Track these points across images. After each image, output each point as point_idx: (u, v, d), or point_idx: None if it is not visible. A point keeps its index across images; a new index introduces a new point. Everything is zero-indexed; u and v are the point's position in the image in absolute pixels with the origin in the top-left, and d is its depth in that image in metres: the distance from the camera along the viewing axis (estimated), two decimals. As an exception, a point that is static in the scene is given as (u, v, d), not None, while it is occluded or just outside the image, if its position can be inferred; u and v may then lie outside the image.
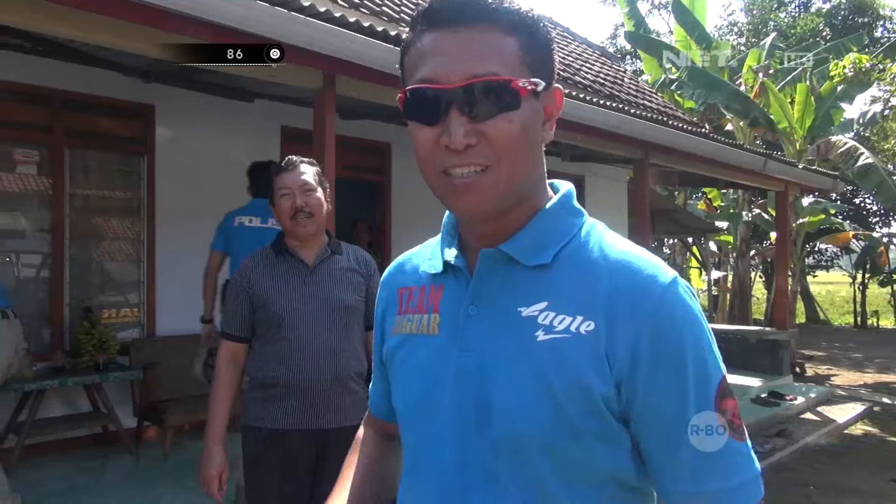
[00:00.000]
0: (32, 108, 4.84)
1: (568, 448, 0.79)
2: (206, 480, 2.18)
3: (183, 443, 4.88)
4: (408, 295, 0.95)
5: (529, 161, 0.83)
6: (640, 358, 0.76)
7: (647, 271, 0.80)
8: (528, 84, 0.80)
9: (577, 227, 0.86)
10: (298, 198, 2.21)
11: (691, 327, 0.78)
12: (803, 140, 11.46)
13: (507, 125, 0.79)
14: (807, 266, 20.36)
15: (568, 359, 0.78)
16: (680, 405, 0.77)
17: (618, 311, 0.77)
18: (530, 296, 0.82)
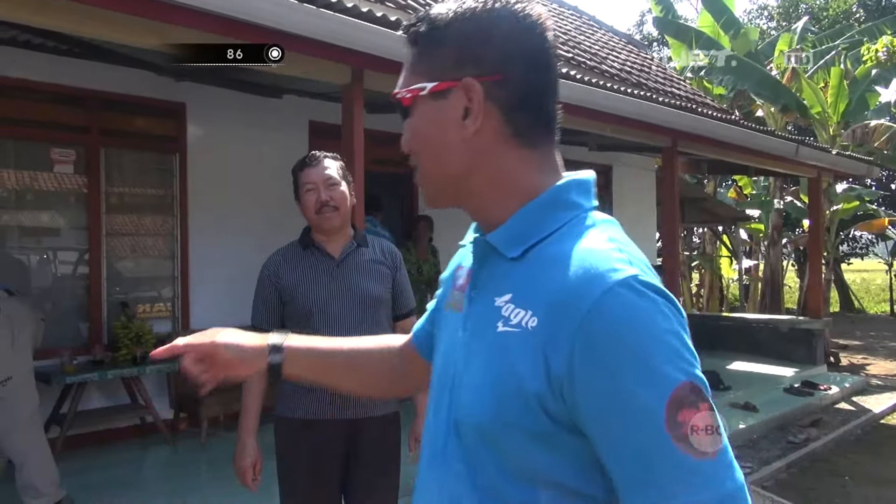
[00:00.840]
0: (69, 108, 4.96)
1: (502, 441, 0.79)
2: (241, 471, 2.23)
3: (219, 434, 4.98)
4: (461, 273, 1.00)
5: (441, 160, 0.88)
6: (574, 367, 0.73)
7: (594, 269, 0.75)
8: (406, 92, 0.88)
9: (563, 221, 0.85)
10: (323, 192, 2.24)
11: (632, 331, 0.72)
12: (837, 125, 11.22)
13: (407, 131, 0.90)
14: (841, 254, 19.96)
15: (511, 352, 0.78)
16: (618, 420, 0.71)
17: (555, 313, 0.75)
18: (503, 286, 0.84)
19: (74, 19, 2.86)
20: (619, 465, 0.73)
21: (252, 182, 5.63)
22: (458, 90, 0.85)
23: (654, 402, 0.70)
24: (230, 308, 5.05)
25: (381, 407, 2.30)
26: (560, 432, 0.76)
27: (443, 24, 0.86)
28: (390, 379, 1.22)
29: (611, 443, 0.73)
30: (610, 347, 0.71)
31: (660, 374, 0.71)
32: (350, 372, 1.20)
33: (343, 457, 2.27)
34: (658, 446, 0.70)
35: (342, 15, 3.18)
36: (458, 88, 0.85)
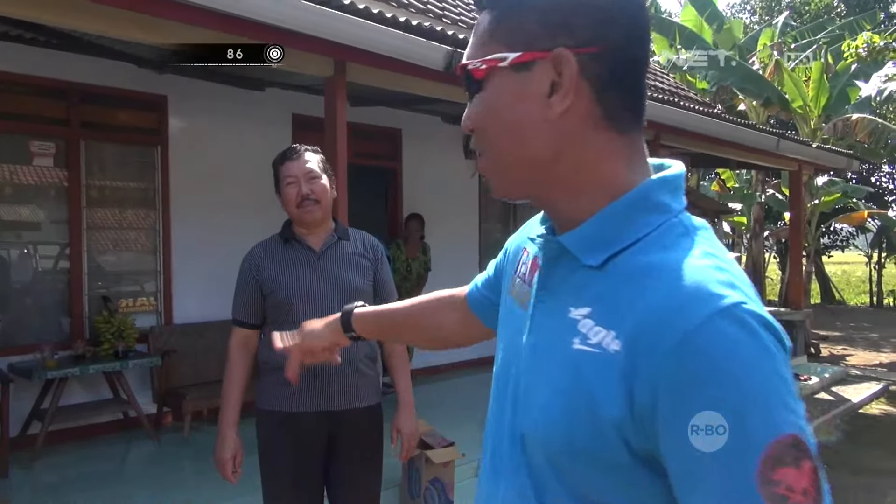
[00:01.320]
0: (49, 101, 4.90)
1: (572, 464, 0.72)
2: (221, 463, 2.24)
3: (202, 428, 4.97)
4: (524, 258, 0.91)
5: (512, 143, 0.77)
6: (658, 403, 0.64)
7: (695, 290, 0.65)
8: (481, 63, 0.76)
9: (651, 227, 0.73)
10: (304, 185, 2.24)
11: (731, 372, 0.61)
12: (818, 119, 11.35)
13: (474, 108, 0.78)
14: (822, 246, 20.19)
15: (586, 375, 0.69)
16: (705, 474, 0.62)
17: (641, 339, 0.65)
18: (580, 297, 0.74)
19: (57, 11, 2.83)
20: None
21: (235, 175, 5.60)
22: (546, 62, 0.73)
23: (745, 455, 0.60)
24: (213, 302, 5.04)
25: (362, 399, 2.30)
26: (637, 466, 0.67)
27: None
28: (447, 332, 1.23)
29: (691, 494, 0.63)
30: (700, 389, 0.61)
31: (758, 423, 0.60)
32: (409, 327, 1.29)
33: (325, 449, 2.27)
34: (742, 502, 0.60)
35: (325, 7, 3.17)
36: (547, 60, 0.73)
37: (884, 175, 20.06)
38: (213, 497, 3.67)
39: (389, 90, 4.46)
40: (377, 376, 2.40)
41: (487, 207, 7.98)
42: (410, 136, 7.00)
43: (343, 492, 2.31)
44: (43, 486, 4.02)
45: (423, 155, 7.11)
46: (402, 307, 1.29)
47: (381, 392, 2.42)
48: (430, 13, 6.48)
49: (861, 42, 7.79)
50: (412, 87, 4.23)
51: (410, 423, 2.43)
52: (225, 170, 5.59)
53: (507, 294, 0.94)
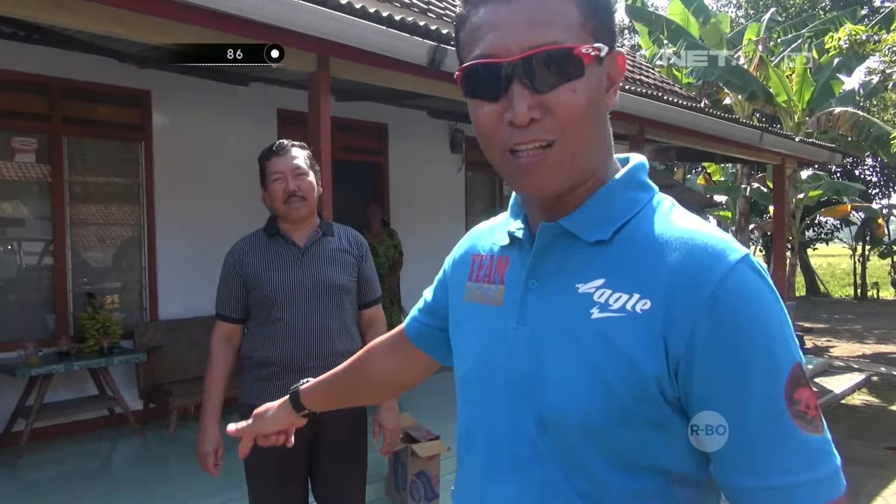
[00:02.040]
0: (30, 96, 4.87)
1: (614, 431, 0.75)
2: (203, 457, 2.25)
3: (188, 424, 4.97)
4: (479, 262, 0.94)
5: (595, 132, 0.80)
6: (697, 344, 0.71)
7: (712, 248, 0.73)
8: (592, 50, 0.75)
9: (643, 202, 0.82)
10: (291, 182, 2.24)
11: (759, 311, 0.71)
12: (802, 112, 11.45)
13: (572, 95, 0.75)
14: (807, 239, 20.37)
15: (621, 338, 0.74)
16: (742, 398, 0.70)
17: (677, 291, 0.72)
18: (588, 272, 0.79)
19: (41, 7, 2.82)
20: (739, 445, 0.71)
21: (219, 170, 5.59)
22: (614, 59, 0.81)
23: (776, 381, 0.70)
24: (198, 297, 5.04)
25: (346, 394, 2.33)
26: (674, 416, 0.74)
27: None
28: (394, 379, 1.22)
29: (730, 421, 0.71)
30: (737, 326, 0.70)
31: (782, 352, 0.71)
32: (357, 387, 1.27)
33: (309, 444, 2.29)
34: (780, 423, 0.70)
35: (306, 3, 3.16)
36: (615, 57, 0.81)
37: (867, 168, 20.23)
38: (199, 493, 3.69)
39: (374, 85, 4.45)
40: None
41: (473, 202, 8.00)
42: (396, 131, 7.01)
43: (328, 485, 2.33)
44: (28, 483, 4.01)
45: (410, 150, 7.11)
46: (343, 369, 1.24)
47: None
48: (414, 7, 6.48)
49: (843, 34, 7.86)
50: (396, 83, 4.24)
51: (392, 418, 2.45)
52: (210, 165, 5.58)
53: (459, 303, 0.96)
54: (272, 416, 1.29)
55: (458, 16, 0.82)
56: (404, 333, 1.14)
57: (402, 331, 1.15)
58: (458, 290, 0.98)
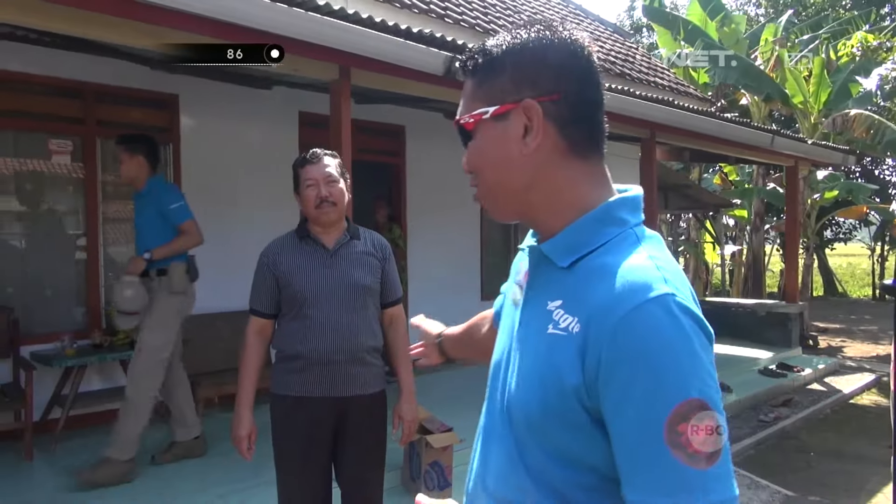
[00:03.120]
0: (65, 100, 5.10)
1: (546, 428, 0.88)
2: (237, 440, 2.43)
3: (213, 414, 5.18)
4: (522, 270, 1.09)
5: (504, 175, 0.96)
6: (602, 366, 0.81)
7: (630, 284, 0.83)
8: (469, 117, 0.97)
9: (610, 236, 0.92)
10: (323, 188, 2.40)
11: (653, 345, 0.79)
12: (818, 114, 11.45)
13: (468, 153, 0.99)
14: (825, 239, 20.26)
15: (557, 353, 0.87)
16: (621, 416, 0.80)
17: (594, 317, 0.83)
18: (554, 292, 0.93)
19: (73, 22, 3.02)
20: (622, 459, 0.81)
21: (243, 170, 5.81)
22: (518, 111, 0.93)
23: (655, 407, 0.77)
24: (223, 293, 5.25)
25: (368, 386, 2.48)
26: (593, 425, 0.84)
27: (499, 54, 0.95)
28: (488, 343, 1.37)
29: (618, 440, 0.81)
30: (629, 357, 0.79)
31: (670, 386, 0.78)
32: (470, 343, 1.52)
33: (333, 431, 2.45)
34: (654, 446, 0.77)
35: (329, 17, 3.35)
36: (518, 109, 0.93)
37: (887, 168, 20.10)
38: (225, 480, 3.88)
39: (393, 92, 4.63)
40: (381, 366, 2.57)
41: (489, 202, 8.13)
42: (414, 133, 7.18)
43: (350, 471, 2.49)
44: (64, 468, 4.23)
45: (426, 151, 7.28)
46: (468, 326, 1.54)
47: (386, 380, 2.61)
48: (432, 13, 6.64)
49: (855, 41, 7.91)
50: (414, 90, 4.41)
51: (411, 409, 2.61)
52: (234, 165, 5.79)
53: (507, 301, 1.13)
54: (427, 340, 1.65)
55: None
56: (493, 317, 1.36)
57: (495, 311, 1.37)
58: (510, 286, 1.14)
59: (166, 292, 4.08)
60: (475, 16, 7.91)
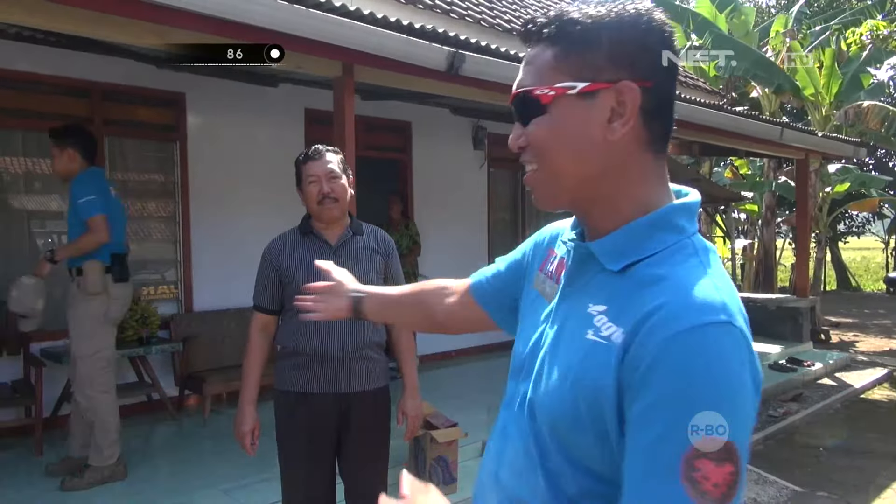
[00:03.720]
0: (73, 100, 5.14)
1: (571, 435, 0.85)
2: (241, 436, 2.45)
3: (221, 409, 5.23)
4: (552, 258, 1.04)
5: (575, 161, 0.88)
6: (635, 381, 0.77)
7: (687, 302, 0.77)
8: (550, 90, 0.87)
9: (666, 244, 0.86)
10: (325, 184, 2.41)
11: (697, 374, 0.73)
12: (830, 106, 11.34)
13: (535, 129, 0.89)
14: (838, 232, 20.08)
15: (594, 361, 0.82)
16: (646, 439, 0.75)
17: (639, 331, 0.78)
18: (599, 296, 0.87)
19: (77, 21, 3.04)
20: (628, 473, 0.76)
21: (250, 168, 5.83)
22: (610, 92, 0.86)
23: (681, 438, 0.72)
24: (230, 290, 5.29)
25: (371, 381, 2.49)
26: (620, 438, 0.80)
27: (593, 25, 0.86)
28: (440, 316, 1.32)
29: (632, 453, 0.76)
30: (671, 376, 0.74)
31: (701, 418, 0.72)
32: (407, 306, 1.42)
33: (336, 427, 2.46)
34: (666, 473, 0.72)
35: (331, 14, 3.35)
36: (611, 91, 0.86)
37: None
38: (231, 475, 3.92)
39: (397, 88, 4.63)
40: (385, 361, 2.58)
41: (495, 197, 8.15)
42: (420, 128, 7.18)
43: (354, 467, 2.51)
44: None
45: (433, 146, 7.28)
46: (405, 291, 1.43)
47: (389, 376, 2.62)
48: (437, 8, 6.63)
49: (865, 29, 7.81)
50: (417, 86, 4.40)
51: (415, 405, 2.62)
52: (241, 163, 5.82)
53: (529, 287, 1.08)
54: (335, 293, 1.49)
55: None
56: (469, 289, 1.26)
57: (466, 285, 1.28)
58: (531, 273, 1.09)
59: (84, 294, 3.83)
60: (480, 11, 7.89)
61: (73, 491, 3.76)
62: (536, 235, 1.16)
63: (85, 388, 3.84)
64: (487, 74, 4.17)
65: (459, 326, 1.34)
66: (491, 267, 1.25)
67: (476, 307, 1.24)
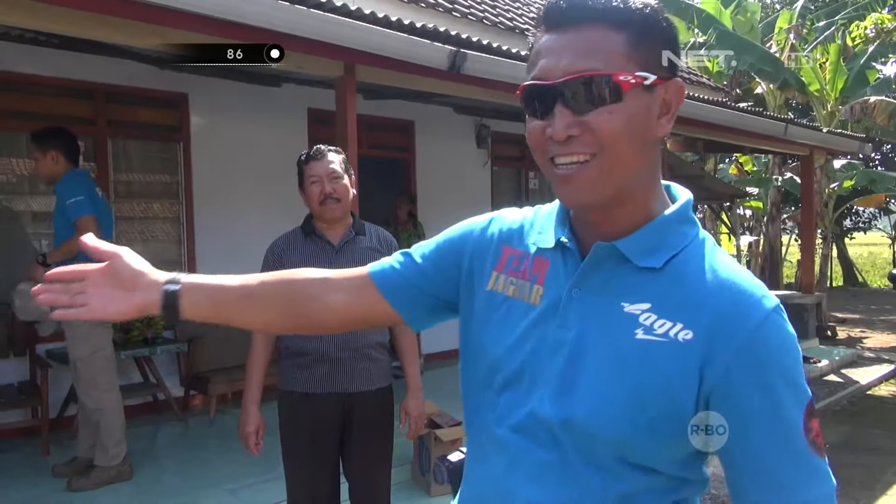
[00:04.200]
0: (77, 101, 5.16)
1: (637, 441, 0.84)
2: (245, 436, 2.45)
3: (226, 409, 5.24)
4: (513, 257, 0.99)
5: (634, 154, 0.85)
6: (735, 377, 0.81)
7: (753, 295, 0.83)
8: (633, 78, 0.82)
9: (690, 237, 0.89)
10: (327, 184, 2.41)
11: (787, 353, 0.82)
12: (835, 101, 11.29)
13: (609, 117, 0.82)
14: (844, 228, 20.00)
15: (663, 362, 0.82)
16: (774, 425, 0.81)
17: (719, 328, 0.81)
18: (636, 294, 0.86)
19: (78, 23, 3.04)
20: (756, 462, 0.82)
21: (253, 168, 5.84)
22: (663, 87, 0.86)
23: (797, 412, 0.81)
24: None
25: (374, 381, 2.50)
26: (687, 434, 0.83)
27: (652, 17, 0.86)
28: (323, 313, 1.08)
29: (753, 443, 0.82)
30: (771, 364, 0.81)
31: (802, 389, 0.83)
32: (271, 302, 1.09)
33: (340, 427, 2.47)
34: (800, 448, 0.81)
35: (332, 14, 3.35)
36: (663, 86, 0.86)
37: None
38: (237, 475, 3.93)
39: (399, 88, 4.63)
40: (388, 361, 2.59)
41: (499, 195, 8.14)
42: (423, 127, 7.18)
43: (357, 466, 2.51)
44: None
45: (436, 145, 7.28)
46: (245, 279, 1.10)
47: (392, 375, 2.62)
48: (439, 7, 6.62)
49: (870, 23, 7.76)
50: (419, 85, 4.40)
51: (418, 405, 2.62)
52: (244, 163, 5.82)
53: (482, 288, 1.00)
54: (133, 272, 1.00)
55: (531, 43, 0.91)
56: (369, 277, 1.07)
57: (364, 274, 1.08)
58: (479, 271, 1.02)
59: None
60: (483, 9, 7.88)
61: (79, 491, 3.78)
62: (466, 229, 1.07)
63: (89, 388, 3.86)
64: (489, 73, 4.17)
65: (339, 323, 1.13)
66: (395, 256, 1.10)
67: (376, 297, 1.05)
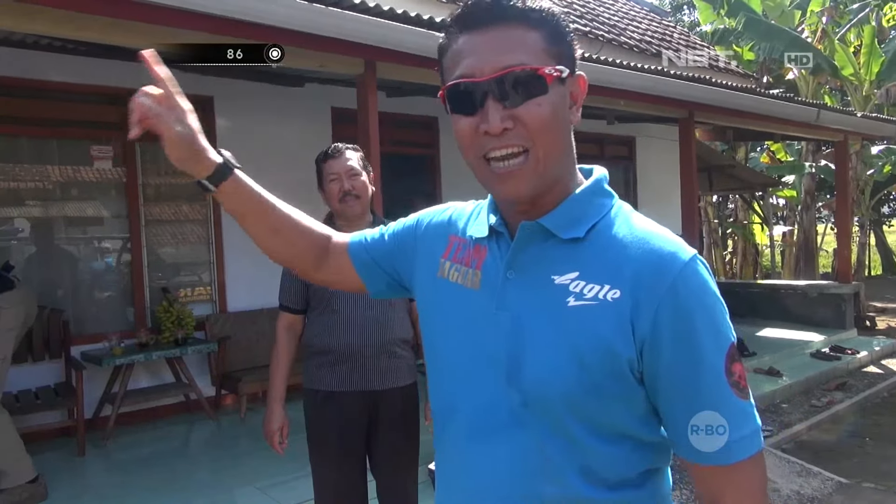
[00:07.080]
0: (105, 107, 5.24)
1: (588, 404, 0.87)
2: (269, 434, 2.47)
3: (257, 408, 5.28)
4: (458, 245, 1.05)
5: (560, 141, 0.92)
6: (661, 325, 0.85)
7: (669, 248, 0.88)
8: (554, 71, 0.89)
9: (608, 207, 0.95)
10: (346, 182, 2.42)
11: (706, 298, 0.87)
12: (870, 85, 10.99)
13: (538, 108, 0.87)
14: (882, 215, 19.47)
15: (596, 324, 0.86)
16: (696, 368, 0.85)
17: (642, 283, 0.86)
18: (563, 265, 0.91)
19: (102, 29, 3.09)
20: (682, 404, 0.87)
21: (279, 167, 5.85)
22: (572, 80, 0.94)
23: (719, 355, 0.86)
24: (262, 290, 5.32)
25: (399, 379, 2.49)
26: (636, 388, 0.88)
27: (562, 21, 0.93)
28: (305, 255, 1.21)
29: (679, 386, 0.86)
30: (691, 310, 0.85)
31: (723, 333, 0.88)
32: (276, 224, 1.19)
33: (366, 424, 2.47)
34: (719, 388, 0.86)
35: (350, 12, 3.35)
36: (572, 79, 0.94)
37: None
38: (268, 473, 3.96)
39: (420, 83, 4.61)
40: (412, 358, 2.57)
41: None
42: (447, 124, 6.98)
43: (384, 464, 2.51)
44: (116, 462, 4.38)
45: (461, 141, 7.23)
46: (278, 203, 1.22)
47: (417, 372, 2.61)
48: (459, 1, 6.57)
49: (904, 5, 7.52)
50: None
51: (443, 403, 2.61)
52: (269, 163, 5.84)
53: (433, 275, 1.06)
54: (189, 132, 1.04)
55: (441, 45, 0.96)
56: (348, 244, 1.21)
57: (345, 240, 1.22)
58: (429, 259, 1.08)
59: None
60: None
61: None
62: (425, 216, 1.16)
63: None
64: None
65: (322, 280, 1.27)
66: (372, 232, 1.22)
67: (346, 266, 1.21)
